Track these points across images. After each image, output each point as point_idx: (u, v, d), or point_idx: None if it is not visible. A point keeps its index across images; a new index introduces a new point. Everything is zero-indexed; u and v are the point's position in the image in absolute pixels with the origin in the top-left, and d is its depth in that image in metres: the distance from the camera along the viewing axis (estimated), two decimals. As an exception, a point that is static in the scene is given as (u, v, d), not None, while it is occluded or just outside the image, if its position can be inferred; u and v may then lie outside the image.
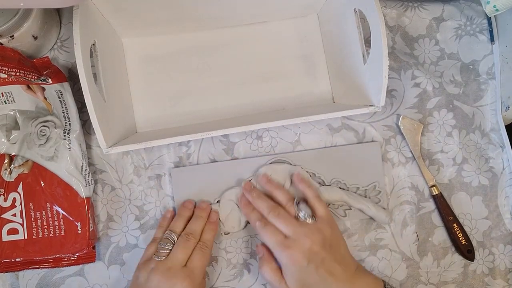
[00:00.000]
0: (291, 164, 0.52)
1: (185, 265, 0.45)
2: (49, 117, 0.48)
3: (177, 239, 0.47)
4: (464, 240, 0.52)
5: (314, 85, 0.55)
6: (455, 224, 0.53)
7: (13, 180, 0.48)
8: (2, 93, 0.48)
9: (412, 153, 0.54)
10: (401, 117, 0.54)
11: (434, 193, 0.53)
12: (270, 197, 0.49)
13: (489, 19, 0.57)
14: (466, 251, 0.53)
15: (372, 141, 0.54)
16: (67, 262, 0.49)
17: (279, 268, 0.46)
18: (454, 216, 0.53)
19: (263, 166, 0.52)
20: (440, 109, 0.55)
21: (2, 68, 0.42)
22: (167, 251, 0.46)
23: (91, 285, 0.51)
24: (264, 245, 0.48)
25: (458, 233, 0.53)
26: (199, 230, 0.48)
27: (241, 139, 0.54)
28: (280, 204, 0.48)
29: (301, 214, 0.46)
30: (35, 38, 0.48)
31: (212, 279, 0.52)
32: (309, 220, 0.46)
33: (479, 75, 0.57)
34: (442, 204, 0.53)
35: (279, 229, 0.46)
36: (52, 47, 0.53)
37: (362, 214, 0.53)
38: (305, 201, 0.48)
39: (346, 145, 0.54)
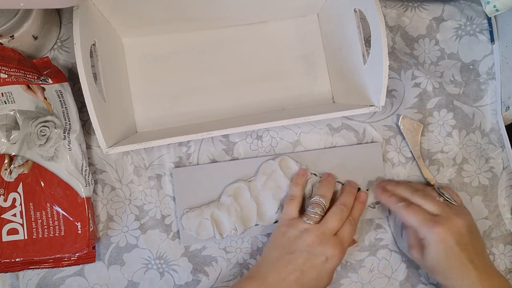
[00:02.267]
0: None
1: (335, 234, 0.46)
2: (49, 117, 0.48)
3: (327, 205, 0.48)
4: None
5: (314, 85, 0.55)
6: None
7: (13, 180, 0.48)
8: (2, 93, 0.48)
9: (412, 153, 0.54)
10: (401, 117, 0.54)
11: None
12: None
13: (489, 19, 0.57)
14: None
15: (372, 141, 0.54)
16: (67, 262, 0.49)
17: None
18: None
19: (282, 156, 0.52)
20: (440, 109, 0.55)
21: (2, 68, 0.42)
22: (317, 216, 0.47)
23: (91, 285, 0.51)
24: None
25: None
26: (351, 204, 0.49)
27: (241, 139, 0.54)
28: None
29: (447, 195, 0.48)
30: (35, 38, 0.48)
31: (212, 279, 0.52)
32: (454, 203, 0.47)
33: (479, 75, 0.57)
34: None
35: (424, 209, 0.47)
36: (52, 47, 0.53)
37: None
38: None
39: (347, 145, 0.54)
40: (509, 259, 0.54)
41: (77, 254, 0.49)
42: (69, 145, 0.48)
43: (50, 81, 0.46)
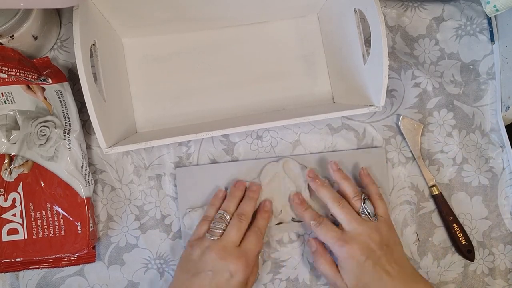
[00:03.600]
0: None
1: (239, 246, 0.46)
2: (49, 117, 0.48)
3: (230, 219, 0.47)
4: (464, 240, 0.52)
5: (314, 85, 0.55)
6: (455, 224, 0.53)
7: (13, 180, 0.48)
8: (2, 93, 0.48)
9: (412, 153, 0.54)
10: (401, 117, 0.54)
11: (434, 193, 0.53)
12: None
13: (489, 19, 0.57)
14: (466, 251, 0.53)
15: (373, 141, 0.54)
16: (67, 262, 0.49)
17: (334, 262, 0.47)
18: (454, 216, 0.53)
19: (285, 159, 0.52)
20: (440, 109, 0.55)
21: (2, 68, 0.42)
22: (221, 230, 0.46)
23: (91, 285, 0.51)
24: (315, 239, 0.50)
25: (458, 233, 0.53)
26: (251, 211, 0.48)
27: (241, 139, 0.54)
28: (344, 196, 0.49)
29: (365, 212, 0.47)
30: (35, 38, 0.48)
31: (212, 279, 0.52)
32: (372, 219, 0.47)
33: (479, 75, 0.57)
34: (442, 204, 0.53)
35: (334, 225, 0.47)
36: (52, 47, 0.53)
37: None
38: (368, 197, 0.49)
39: (350, 150, 0.54)
40: (509, 259, 0.54)
41: (77, 254, 0.49)
42: (69, 145, 0.48)
43: (50, 81, 0.46)
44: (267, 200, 0.51)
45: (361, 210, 0.47)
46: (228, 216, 0.47)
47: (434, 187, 0.53)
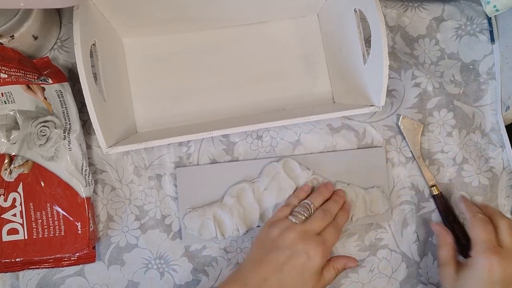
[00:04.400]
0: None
1: (319, 234, 0.45)
2: (49, 117, 0.48)
3: (314, 210, 0.48)
4: (464, 240, 0.52)
5: (314, 85, 0.55)
6: (455, 224, 0.53)
7: (13, 180, 0.48)
8: (2, 93, 0.48)
9: (412, 153, 0.54)
10: (401, 117, 0.54)
11: (434, 193, 0.53)
12: None
13: (489, 19, 0.57)
14: (467, 251, 0.53)
15: (373, 141, 0.54)
16: (67, 262, 0.49)
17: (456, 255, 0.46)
18: (455, 216, 0.53)
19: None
20: (440, 109, 0.55)
21: (2, 68, 0.42)
22: (304, 217, 0.47)
23: (91, 285, 0.51)
24: (439, 225, 0.50)
25: (458, 233, 0.53)
26: (335, 212, 0.49)
27: (241, 139, 0.54)
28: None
29: None
30: (35, 38, 0.48)
31: (212, 279, 0.52)
32: None
33: (479, 75, 0.57)
34: (442, 204, 0.53)
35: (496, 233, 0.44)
36: (52, 47, 0.53)
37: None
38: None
39: (350, 149, 0.54)
40: (509, 259, 0.54)
41: (77, 254, 0.49)
42: (69, 145, 0.48)
43: (50, 81, 0.46)
44: (347, 202, 0.51)
45: None
46: (313, 207, 0.48)
47: (434, 187, 0.53)
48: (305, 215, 0.47)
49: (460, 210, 0.54)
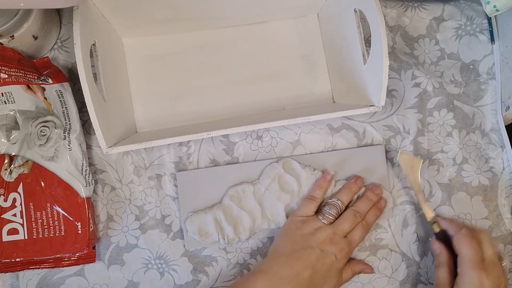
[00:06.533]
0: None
1: (346, 236, 0.48)
2: (49, 117, 0.48)
3: (343, 209, 0.49)
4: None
5: (314, 85, 0.55)
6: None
7: (13, 180, 0.48)
8: (2, 93, 0.48)
9: (412, 188, 0.52)
10: (399, 153, 0.52)
11: (436, 231, 0.50)
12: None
13: (489, 19, 0.57)
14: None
15: (373, 141, 0.54)
16: (67, 262, 0.49)
17: (453, 275, 0.46)
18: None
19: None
20: (440, 109, 0.55)
21: (2, 68, 0.42)
22: (333, 217, 0.49)
23: (91, 285, 0.51)
24: (440, 243, 0.49)
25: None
26: (365, 211, 0.50)
27: (241, 139, 0.54)
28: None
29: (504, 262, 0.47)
30: (35, 38, 0.48)
31: (212, 279, 0.52)
32: (503, 264, 0.47)
33: (479, 75, 0.57)
34: (445, 243, 0.49)
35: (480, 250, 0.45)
36: (52, 47, 0.53)
37: None
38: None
39: (350, 148, 0.54)
40: (509, 259, 0.54)
41: (77, 254, 0.49)
42: (69, 145, 0.48)
43: (50, 81, 0.46)
44: (382, 199, 0.52)
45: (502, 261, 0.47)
46: (342, 206, 0.49)
47: (435, 224, 0.50)
48: (334, 214, 0.49)
49: (460, 210, 0.54)
